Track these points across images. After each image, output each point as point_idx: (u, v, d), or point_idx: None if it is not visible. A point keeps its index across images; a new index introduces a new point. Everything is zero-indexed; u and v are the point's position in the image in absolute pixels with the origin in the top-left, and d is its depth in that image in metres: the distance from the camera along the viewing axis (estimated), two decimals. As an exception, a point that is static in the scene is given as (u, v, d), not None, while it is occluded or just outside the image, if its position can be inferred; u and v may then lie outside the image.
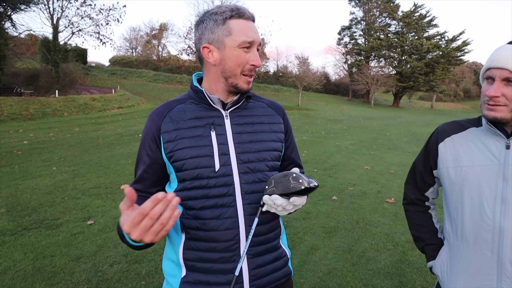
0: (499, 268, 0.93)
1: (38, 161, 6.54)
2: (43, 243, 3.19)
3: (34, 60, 23.52)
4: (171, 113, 0.98)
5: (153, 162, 0.98)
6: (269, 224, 1.00)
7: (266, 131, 1.02)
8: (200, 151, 0.94)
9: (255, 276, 0.95)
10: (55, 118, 13.82)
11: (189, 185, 0.94)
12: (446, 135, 1.09)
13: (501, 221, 0.92)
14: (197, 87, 0.99)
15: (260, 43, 0.96)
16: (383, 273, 2.75)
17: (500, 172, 0.95)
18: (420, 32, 42.75)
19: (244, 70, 0.94)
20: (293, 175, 0.83)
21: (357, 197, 4.82)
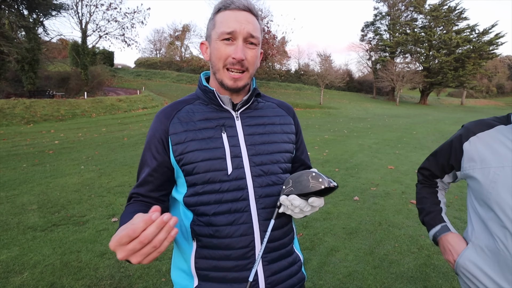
0: None
1: (68, 160, 6.86)
2: (71, 239, 3.33)
3: (65, 64, 24.74)
4: (180, 114, 0.94)
5: (159, 165, 0.92)
6: (284, 229, 0.96)
7: (278, 132, 0.98)
8: (212, 154, 0.89)
9: (271, 283, 0.91)
10: (84, 119, 14.45)
11: (200, 189, 0.89)
12: (471, 134, 1.02)
13: None
14: (207, 87, 0.95)
15: (253, 35, 0.88)
16: (406, 277, 2.64)
17: None
18: (449, 26, 40.85)
19: (226, 64, 0.88)
20: (312, 174, 0.78)
21: (380, 197, 4.68)
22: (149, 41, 58.01)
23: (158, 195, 0.96)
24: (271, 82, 40.12)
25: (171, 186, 0.98)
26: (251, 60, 0.89)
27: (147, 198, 0.95)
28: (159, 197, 0.97)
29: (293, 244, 1.02)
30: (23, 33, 19.48)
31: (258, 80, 39.46)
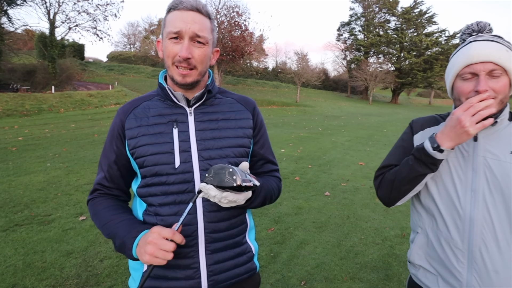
0: (469, 256, 0.96)
1: (33, 157, 6.54)
2: (35, 238, 3.20)
3: (31, 56, 23.38)
4: (136, 110, 1.00)
5: (118, 158, 0.99)
6: (231, 220, 1.00)
7: (232, 127, 1.02)
8: (160, 148, 0.94)
9: (214, 271, 0.96)
10: (51, 114, 13.79)
11: (149, 181, 0.95)
12: (419, 129, 1.11)
13: (471, 211, 0.95)
14: (161, 84, 1.00)
15: (199, 34, 0.91)
16: (370, 267, 2.78)
17: (470, 163, 0.97)
18: (419, 29, 42.68)
19: (174, 61, 0.92)
20: (229, 169, 0.80)
21: (349, 192, 4.85)
22: (123, 34, 56.12)
23: (120, 185, 1.02)
24: (248, 79, 40.12)
25: (131, 177, 1.04)
26: (199, 59, 0.93)
27: (110, 190, 1.02)
28: (121, 187, 1.03)
29: (246, 235, 1.06)
30: (-16, 22, 18.23)
31: (235, 77, 39.34)
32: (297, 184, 5.21)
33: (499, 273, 0.92)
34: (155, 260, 0.79)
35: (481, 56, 0.91)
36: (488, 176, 0.94)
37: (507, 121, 0.98)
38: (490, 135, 0.97)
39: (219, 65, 25.87)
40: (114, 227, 0.92)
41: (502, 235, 0.92)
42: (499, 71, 0.91)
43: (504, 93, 0.93)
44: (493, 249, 0.93)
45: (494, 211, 0.93)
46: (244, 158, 1.04)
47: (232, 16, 25.67)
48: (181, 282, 0.94)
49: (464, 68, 0.95)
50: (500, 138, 0.96)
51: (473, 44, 0.95)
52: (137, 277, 0.98)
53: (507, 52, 0.91)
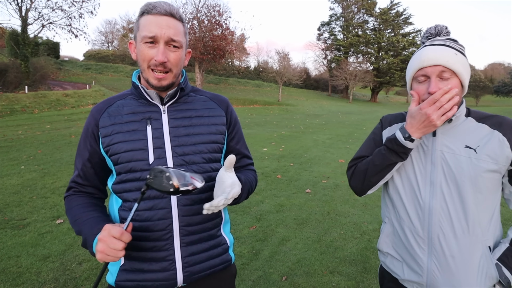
0: (429, 243, 1.03)
1: (5, 160, 6.28)
2: (9, 243, 3.09)
3: (2, 54, 22.33)
4: (110, 108, 1.02)
5: (92, 156, 1.01)
6: (205, 214, 1.02)
7: (205, 124, 1.05)
8: (133, 145, 0.97)
9: (188, 263, 1.00)
10: (24, 115, 13.24)
11: (124, 177, 0.98)
12: (387, 125, 1.19)
13: (430, 201, 1.03)
14: (135, 83, 1.02)
15: (174, 39, 0.94)
16: (349, 260, 2.87)
17: (429, 157, 1.05)
18: (396, 29, 43.98)
19: (150, 65, 0.95)
20: (166, 174, 0.79)
21: (330, 189, 4.96)
22: (100, 32, 54.58)
23: (94, 183, 1.04)
24: (230, 79, 39.98)
25: (106, 175, 1.05)
26: (174, 62, 0.96)
27: (85, 187, 1.03)
28: (96, 185, 1.05)
29: (220, 228, 1.10)
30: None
31: (217, 77, 39.12)
32: (279, 182, 5.28)
33: (455, 258, 1.00)
34: (107, 258, 0.81)
35: (431, 60, 0.99)
36: (444, 169, 1.02)
37: (463, 117, 1.06)
38: (447, 130, 1.05)
39: (200, 65, 25.63)
40: (81, 224, 0.93)
41: (457, 223, 1.00)
42: (448, 73, 0.98)
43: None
44: (449, 236, 1.00)
45: (450, 201, 1.00)
46: (218, 154, 1.07)
47: (213, 15, 25.48)
48: (157, 274, 0.97)
49: (417, 71, 1.03)
50: (456, 133, 1.04)
51: (425, 49, 1.03)
52: (114, 271, 1.00)
53: (455, 56, 0.98)
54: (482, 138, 1.00)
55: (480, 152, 0.98)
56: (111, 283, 1.01)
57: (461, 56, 1.00)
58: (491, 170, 0.97)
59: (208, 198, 1.03)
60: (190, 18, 25.30)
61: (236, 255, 2.94)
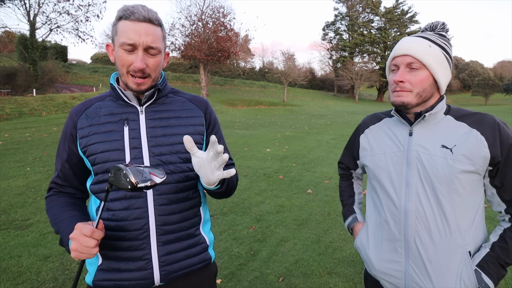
0: (406, 247, 1.01)
1: (12, 162, 6.39)
2: (11, 243, 3.15)
3: (11, 58, 22.75)
4: (88, 110, 1.03)
5: (70, 157, 1.02)
6: (183, 213, 1.03)
7: (183, 125, 1.05)
8: (110, 146, 0.97)
9: (165, 262, 1.00)
10: (32, 118, 13.45)
11: (101, 178, 0.99)
12: (365, 127, 1.18)
13: (406, 203, 1.00)
14: (112, 84, 1.03)
15: (152, 46, 0.93)
16: (347, 261, 2.84)
17: (404, 157, 1.02)
18: (402, 28, 43.57)
19: (129, 70, 0.95)
20: (123, 171, 0.79)
21: (331, 189, 4.93)
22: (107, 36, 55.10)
23: (74, 184, 1.05)
24: (235, 80, 40.07)
25: (86, 175, 1.06)
26: (153, 67, 0.97)
27: (64, 188, 1.05)
28: (75, 185, 1.06)
29: (200, 227, 1.10)
30: (-40, 23, 17.61)
31: (222, 78, 39.24)
32: (280, 183, 5.26)
33: (432, 262, 0.97)
34: (81, 255, 0.82)
35: (401, 50, 0.98)
36: (420, 170, 0.98)
37: (442, 114, 1.02)
38: (424, 128, 1.01)
39: (205, 66, 25.73)
40: (59, 223, 0.94)
41: (434, 226, 0.96)
42: (417, 64, 0.96)
43: (420, 86, 0.97)
44: (426, 239, 0.97)
45: (426, 203, 0.97)
46: None
47: (217, 17, 25.58)
48: (133, 273, 0.97)
49: (391, 61, 1.03)
50: (433, 132, 1.00)
51: (401, 40, 1.02)
52: (92, 271, 1.01)
53: (429, 48, 0.96)
54: (459, 137, 0.96)
55: (456, 152, 0.94)
56: (89, 282, 1.02)
57: (436, 49, 0.97)
58: (467, 171, 0.93)
59: (185, 198, 1.03)
60: (195, 20, 25.44)
61: (234, 256, 2.94)
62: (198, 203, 1.09)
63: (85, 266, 1.04)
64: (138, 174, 0.80)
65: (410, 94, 0.98)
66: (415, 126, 1.02)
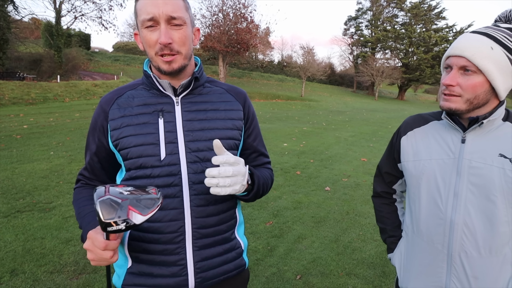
0: (449, 261, 0.93)
1: (36, 145, 6.60)
2: (35, 225, 3.24)
3: (37, 45, 23.43)
4: (120, 99, 0.95)
5: (99, 150, 0.96)
6: (220, 216, 0.97)
7: (221, 118, 0.97)
8: (144, 139, 0.90)
9: (201, 268, 0.93)
10: (56, 103, 13.86)
11: (133, 174, 0.92)
12: (409, 129, 1.08)
13: (452, 214, 0.92)
14: (146, 72, 0.95)
15: (174, 16, 0.84)
16: (367, 263, 2.77)
17: (455, 166, 0.93)
18: (428, 24, 41.94)
19: (157, 50, 0.86)
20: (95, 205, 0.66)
21: (350, 188, 4.83)
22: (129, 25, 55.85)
23: (101, 178, 1.00)
24: (253, 72, 39.88)
25: (114, 170, 1.01)
26: (180, 41, 0.87)
27: (92, 181, 1.00)
28: (103, 179, 1.01)
29: (235, 231, 1.03)
30: (-9, 10, 18.25)
31: (240, 70, 39.14)
32: (298, 179, 5.20)
33: (479, 280, 0.90)
34: (101, 264, 0.77)
35: (457, 50, 0.88)
36: (472, 180, 0.90)
37: (500, 121, 0.93)
38: (479, 136, 0.92)
39: (224, 58, 25.70)
40: (81, 218, 0.90)
41: (483, 241, 0.89)
42: (472, 68, 0.86)
43: (472, 92, 0.87)
44: (473, 254, 0.90)
45: (476, 216, 0.89)
46: (234, 151, 0.99)
47: (238, 8, 25.41)
48: (167, 279, 0.91)
49: (446, 60, 0.93)
50: (489, 140, 0.91)
51: (461, 36, 0.92)
52: (121, 273, 0.96)
53: (490, 50, 0.85)
54: None
55: None
56: (118, 286, 0.96)
57: (499, 51, 0.85)
58: None
59: (223, 199, 0.96)
60: (216, 11, 25.37)
61: (251, 251, 2.92)
62: (234, 205, 1.02)
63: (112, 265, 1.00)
64: (111, 210, 0.64)
65: (459, 99, 0.89)
66: (469, 132, 0.93)
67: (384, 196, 1.22)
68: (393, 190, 1.21)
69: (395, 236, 1.16)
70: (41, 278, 2.41)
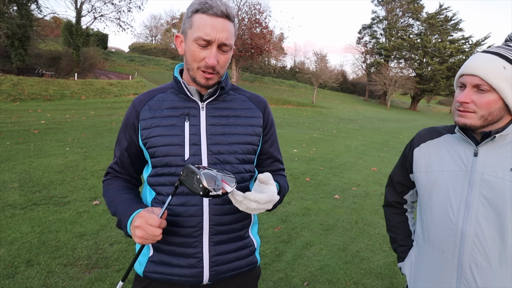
0: (459, 271, 0.95)
1: (53, 140, 6.79)
2: (50, 218, 3.34)
3: (57, 43, 24.12)
4: (151, 101, 1.03)
5: (129, 146, 1.04)
6: (235, 215, 1.02)
7: (242, 125, 1.04)
8: (171, 140, 0.97)
9: (216, 262, 1.00)
10: (72, 101, 14.21)
11: (159, 171, 0.99)
12: (422, 141, 1.12)
13: (463, 225, 0.94)
14: (176, 78, 1.03)
15: (226, 43, 0.92)
16: (375, 273, 2.76)
17: (466, 178, 0.96)
18: (444, 35, 41.46)
19: (200, 66, 0.94)
20: (197, 176, 0.78)
21: (359, 197, 4.81)
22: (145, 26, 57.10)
23: (130, 172, 1.08)
24: (265, 77, 40.04)
25: (142, 165, 1.08)
26: (223, 64, 0.96)
27: (121, 174, 1.08)
28: (131, 173, 1.09)
29: (249, 230, 1.09)
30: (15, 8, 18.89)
31: (253, 75, 39.35)
32: (307, 185, 5.20)
33: None
34: (145, 241, 0.84)
35: (471, 69, 0.92)
36: (483, 193, 0.92)
37: None
38: (491, 150, 0.95)
39: (237, 62, 25.92)
40: (116, 205, 0.97)
41: (494, 252, 0.91)
42: (485, 86, 0.90)
43: (486, 109, 0.91)
44: (483, 265, 0.92)
45: (487, 227, 0.91)
46: (252, 156, 1.06)
47: (253, 13, 25.65)
48: (184, 270, 0.98)
49: (459, 77, 0.97)
50: (501, 154, 0.94)
51: (474, 56, 0.96)
52: (143, 261, 1.02)
53: (503, 70, 0.89)
54: None
55: None
56: (139, 273, 1.03)
57: (511, 70, 0.89)
58: None
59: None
60: (231, 16, 25.65)
61: (259, 254, 2.94)
62: None
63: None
64: (211, 180, 0.79)
65: (474, 115, 0.93)
66: (481, 146, 0.96)
67: (395, 206, 1.25)
68: (404, 200, 1.23)
69: (406, 246, 1.18)
70: (55, 270, 2.48)
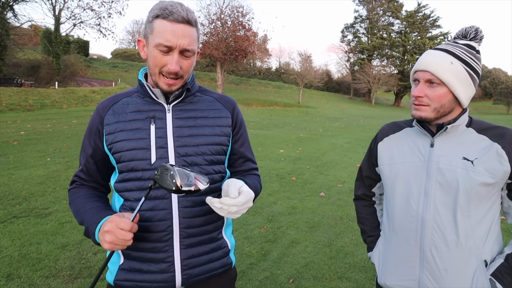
0: (421, 255, 1.01)
1: (33, 151, 6.63)
2: (31, 231, 3.27)
3: (36, 51, 23.55)
4: (115, 106, 1.01)
5: (95, 152, 1.02)
6: (206, 216, 1.01)
7: (210, 125, 1.03)
8: (136, 144, 0.96)
9: (188, 265, 0.98)
10: (53, 110, 13.89)
11: (126, 176, 0.97)
12: (385, 135, 1.17)
13: (423, 212, 1.00)
14: (141, 81, 1.01)
15: (188, 49, 0.91)
16: (358, 267, 2.82)
17: (425, 168, 1.02)
18: (423, 32, 42.61)
19: (162, 71, 0.93)
20: (171, 172, 0.79)
21: (345, 193, 4.89)
22: (128, 32, 56.39)
23: (96, 179, 1.06)
24: (251, 79, 40.17)
25: (109, 172, 1.06)
26: (186, 69, 0.95)
27: (87, 182, 1.05)
28: (98, 180, 1.07)
29: (222, 231, 1.08)
30: (-10, 17, 18.37)
31: (238, 77, 39.40)
32: (293, 185, 5.25)
33: (448, 271, 0.97)
34: (115, 247, 0.83)
35: (423, 65, 0.98)
36: (439, 180, 0.99)
37: (464, 127, 1.02)
38: (445, 140, 1.02)
39: (222, 65, 25.90)
40: (84, 214, 0.95)
41: (450, 235, 0.97)
42: (436, 81, 0.96)
43: (438, 102, 0.98)
44: (442, 248, 0.98)
45: (444, 213, 0.98)
46: (221, 156, 1.05)
47: (236, 16, 25.71)
48: (155, 275, 0.96)
49: (414, 73, 1.03)
50: (454, 144, 1.00)
51: (425, 52, 1.02)
52: (113, 270, 1.01)
53: (450, 65, 0.95)
54: (481, 150, 0.97)
55: (478, 164, 0.95)
56: (110, 281, 1.01)
57: (458, 66, 0.96)
58: (487, 183, 0.94)
59: None
60: (214, 19, 25.63)
61: (245, 255, 2.96)
62: None
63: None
64: (184, 177, 0.80)
65: (428, 108, 0.99)
66: (437, 137, 1.02)
67: (364, 199, 1.30)
68: (372, 193, 1.28)
69: (374, 236, 1.23)
70: (36, 283, 2.43)
